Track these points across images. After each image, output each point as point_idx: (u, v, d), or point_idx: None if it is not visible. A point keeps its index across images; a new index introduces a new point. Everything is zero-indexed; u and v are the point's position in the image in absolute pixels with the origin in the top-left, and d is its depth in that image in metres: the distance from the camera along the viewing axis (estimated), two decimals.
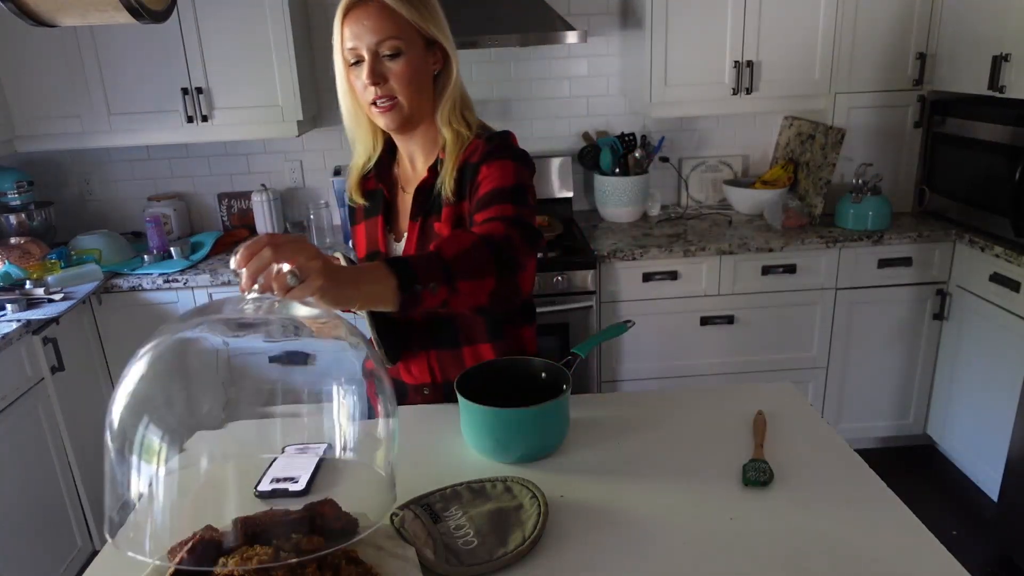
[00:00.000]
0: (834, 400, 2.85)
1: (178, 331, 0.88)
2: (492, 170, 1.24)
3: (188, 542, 0.79)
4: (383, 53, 1.20)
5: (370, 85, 1.20)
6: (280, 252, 0.84)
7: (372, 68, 1.19)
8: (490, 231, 1.12)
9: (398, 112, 1.24)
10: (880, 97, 2.78)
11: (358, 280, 0.94)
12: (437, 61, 1.27)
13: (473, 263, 1.05)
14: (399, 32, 1.19)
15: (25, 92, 2.60)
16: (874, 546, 0.93)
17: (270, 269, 0.83)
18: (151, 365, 0.83)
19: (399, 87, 1.22)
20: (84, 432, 2.42)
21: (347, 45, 1.21)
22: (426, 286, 0.99)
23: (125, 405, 0.81)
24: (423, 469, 1.14)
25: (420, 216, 1.31)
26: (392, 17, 1.19)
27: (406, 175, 1.37)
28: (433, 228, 1.30)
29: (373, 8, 1.18)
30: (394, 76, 1.21)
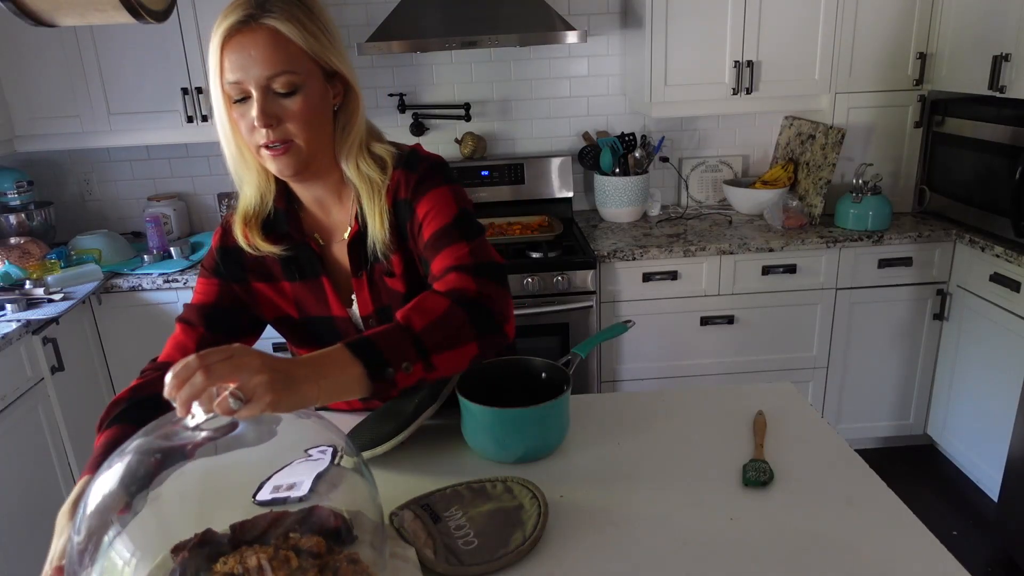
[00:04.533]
0: (834, 400, 2.85)
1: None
2: (429, 205, 1.10)
3: (190, 541, 0.79)
4: (276, 90, 1.00)
5: (261, 127, 1.01)
6: (213, 374, 0.74)
7: (263, 108, 1.00)
8: (458, 287, 1.00)
9: (295, 156, 1.04)
10: (880, 97, 2.78)
11: (317, 375, 0.82)
12: (338, 94, 1.09)
13: (448, 332, 0.94)
14: (294, 65, 1.00)
15: (25, 92, 2.60)
16: (874, 546, 0.93)
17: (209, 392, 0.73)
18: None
19: (296, 129, 1.03)
20: (84, 432, 2.42)
21: (228, 78, 1.00)
22: (398, 368, 0.89)
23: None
24: (423, 469, 1.14)
25: (363, 271, 1.16)
26: (285, 47, 0.99)
27: (319, 224, 1.18)
28: (385, 284, 1.16)
29: (261, 36, 0.98)
30: (290, 116, 1.02)
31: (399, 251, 1.14)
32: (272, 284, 1.19)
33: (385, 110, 3.04)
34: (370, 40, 2.52)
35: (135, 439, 0.80)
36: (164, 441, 0.78)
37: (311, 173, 1.11)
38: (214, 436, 0.78)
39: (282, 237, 1.16)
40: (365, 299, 1.18)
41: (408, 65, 2.99)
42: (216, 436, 0.78)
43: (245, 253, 1.16)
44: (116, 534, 0.76)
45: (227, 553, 0.78)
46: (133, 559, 0.76)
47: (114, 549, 0.76)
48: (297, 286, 1.18)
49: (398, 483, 1.08)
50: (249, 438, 0.80)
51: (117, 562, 0.75)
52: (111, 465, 0.78)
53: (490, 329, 0.99)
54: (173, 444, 0.78)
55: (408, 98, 3.02)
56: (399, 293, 1.16)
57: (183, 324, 1.17)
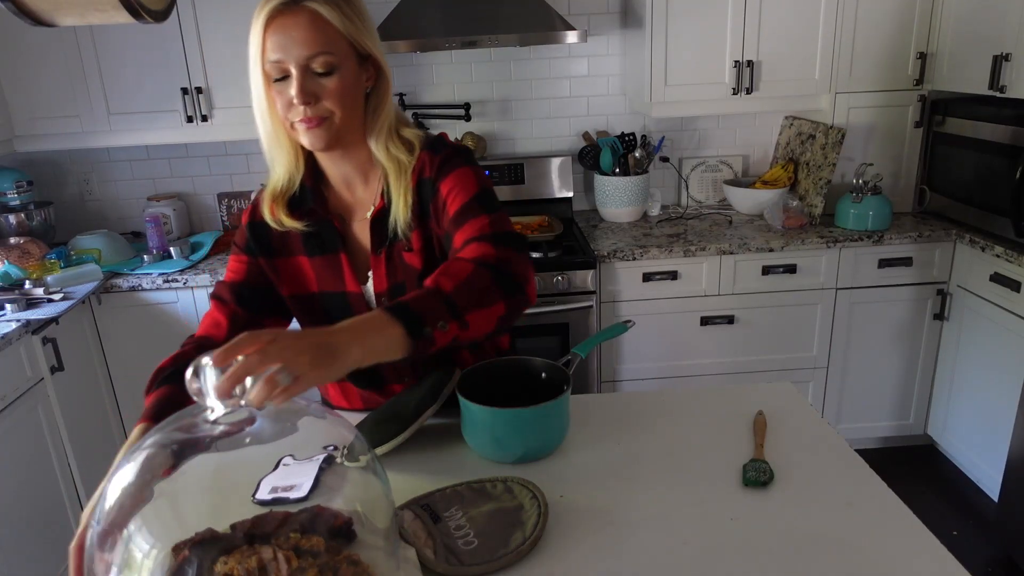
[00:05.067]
0: (834, 400, 2.85)
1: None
2: (451, 184, 1.16)
3: (190, 541, 0.79)
4: (315, 69, 1.06)
5: (300, 104, 1.06)
6: (267, 357, 0.76)
7: (302, 87, 1.05)
8: (481, 253, 1.06)
9: (327, 129, 1.10)
10: (880, 97, 2.78)
11: (359, 338, 0.87)
12: (370, 77, 1.14)
13: (476, 293, 1.00)
14: (332, 46, 1.06)
15: (25, 92, 2.60)
16: (874, 546, 0.93)
17: (242, 376, 0.76)
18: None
19: (332, 106, 1.08)
20: (84, 432, 2.42)
21: (270, 58, 1.05)
22: (435, 326, 0.93)
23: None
24: (423, 469, 1.14)
25: (383, 248, 1.21)
26: (325, 29, 1.05)
27: (342, 202, 1.24)
28: (403, 259, 1.20)
29: (303, 18, 1.04)
30: (326, 95, 1.07)
31: (419, 228, 1.19)
32: (293, 259, 1.23)
33: None
34: None
35: (152, 434, 0.80)
36: (183, 434, 0.80)
37: (340, 149, 1.16)
38: (232, 431, 0.78)
39: (306, 214, 1.20)
40: (381, 275, 1.21)
41: (408, 65, 2.99)
42: (233, 431, 0.79)
43: (271, 228, 1.21)
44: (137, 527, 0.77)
45: (228, 552, 0.78)
46: (138, 552, 0.77)
47: (130, 539, 0.77)
48: (316, 261, 1.23)
49: (398, 483, 1.08)
50: (265, 434, 0.81)
51: (136, 553, 0.76)
52: (129, 460, 0.79)
53: (513, 290, 1.03)
54: (191, 437, 0.79)
55: (408, 98, 3.02)
56: (415, 269, 1.20)
57: (216, 301, 1.22)
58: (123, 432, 2.67)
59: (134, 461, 0.79)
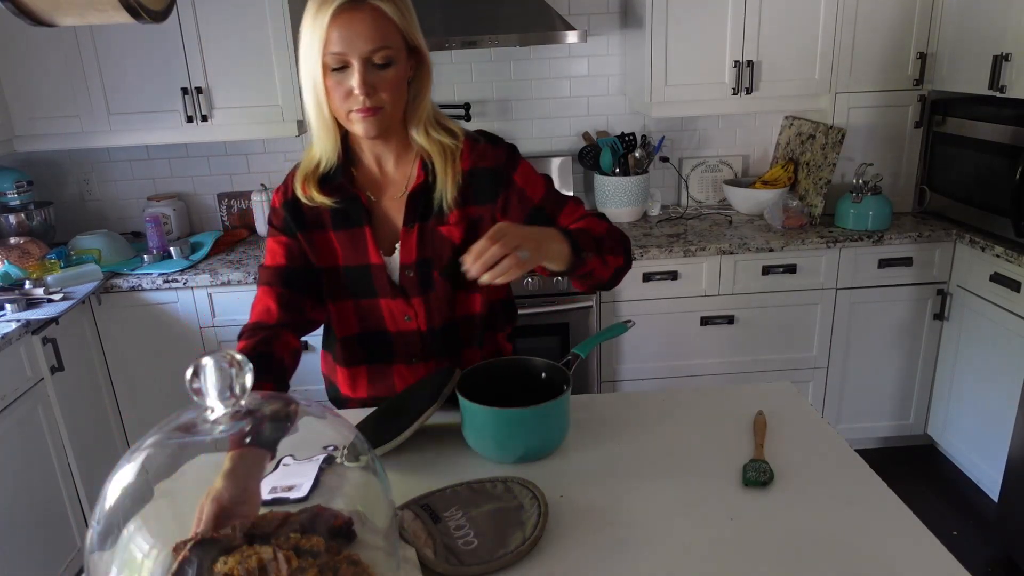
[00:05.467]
0: (834, 400, 2.85)
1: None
2: (526, 175, 1.31)
3: (190, 540, 0.78)
4: (374, 62, 1.13)
5: (361, 95, 1.13)
6: (506, 244, 1.02)
7: (364, 79, 1.12)
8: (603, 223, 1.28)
9: (380, 119, 1.17)
10: (880, 97, 2.78)
11: (548, 241, 1.12)
12: (412, 66, 1.22)
13: (613, 242, 1.24)
14: (391, 40, 1.13)
15: (25, 92, 2.60)
16: (874, 546, 0.93)
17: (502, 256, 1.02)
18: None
19: (387, 97, 1.16)
20: (84, 432, 2.42)
21: (332, 49, 1.11)
22: (587, 253, 1.16)
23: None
24: (423, 469, 1.14)
25: (416, 222, 1.27)
26: (386, 25, 1.13)
27: (372, 179, 1.30)
28: (437, 232, 1.27)
29: (367, 14, 1.11)
30: (384, 86, 1.15)
31: (460, 208, 1.27)
32: (323, 232, 1.29)
33: None
34: None
35: (151, 435, 0.80)
36: (183, 436, 0.80)
37: (387, 134, 1.24)
38: (231, 431, 0.79)
39: (335, 190, 1.26)
40: (411, 248, 1.28)
41: None
42: (233, 430, 0.79)
43: (303, 204, 1.27)
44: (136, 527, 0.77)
45: (228, 552, 0.78)
46: (139, 552, 0.77)
47: (131, 539, 0.77)
48: (341, 234, 1.29)
49: (398, 483, 1.08)
50: (265, 434, 0.81)
51: (136, 553, 0.76)
52: (129, 460, 0.79)
53: (629, 252, 1.29)
54: (191, 439, 0.80)
55: None
56: (452, 242, 1.28)
57: (264, 287, 1.31)
58: (123, 432, 2.67)
59: (134, 462, 0.79)
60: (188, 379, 0.76)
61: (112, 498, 0.77)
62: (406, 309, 1.31)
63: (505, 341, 1.45)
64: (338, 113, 1.18)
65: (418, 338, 1.33)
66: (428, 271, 1.29)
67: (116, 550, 0.76)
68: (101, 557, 0.76)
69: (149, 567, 0.76)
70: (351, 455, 0.86)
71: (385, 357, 1.35)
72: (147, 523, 0.78)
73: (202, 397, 0.77)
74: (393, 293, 1.29)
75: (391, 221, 1.29)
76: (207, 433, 0.78)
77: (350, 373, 1.38)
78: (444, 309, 1.32)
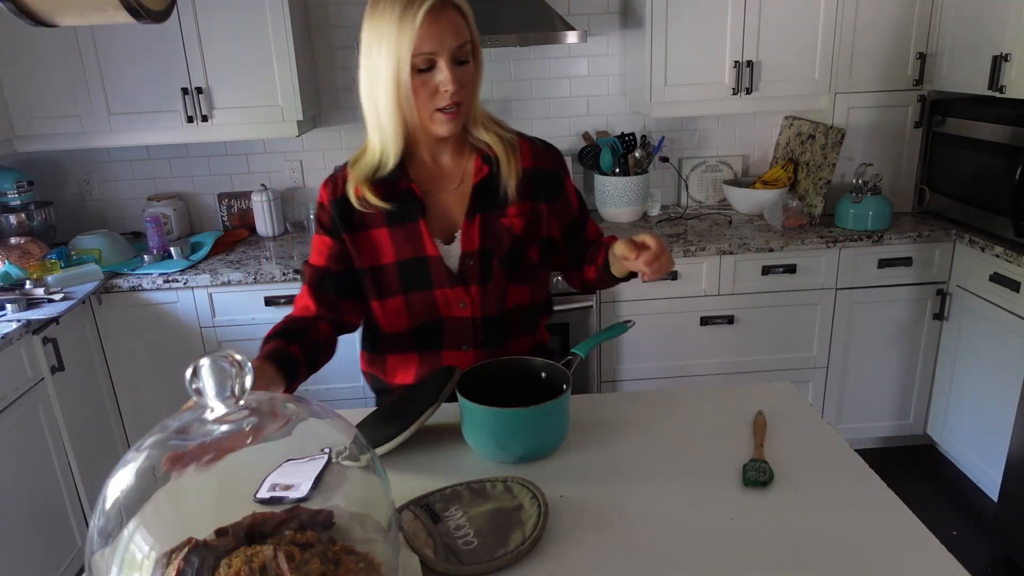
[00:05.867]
0: (834, 400, 2.85)
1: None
2: (571, 187, 1.40)
3: (182, 547, 0.78)
4: (459, 58, 1.19)
5: (452, 89, 1.18)
6: (670, 253, 1.19)
7: (453, 74, 1.18)
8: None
9: (461, 115, 1.24)
10: (880, 97, 2.78)
11: None
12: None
13: None
14: (470, 36, 1.21)
15: (25, 92, 2.60)
16: (874, 546, 0.93)
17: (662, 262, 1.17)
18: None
19: (468, 91, 1.22)
20: (84, 432, 2.42)
21: (423, 50, 1.16)
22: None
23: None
24: (423, 469, 1.14)
25: (478, 213, 1.32)
26: (466, 21, 1.20)
27: (427, 174, 1.34)
28: (498, 222, 1.33)
29: (452, 13, 1.18)
30: (466, 81, 1.21)
31: (519, 203, 1.33)
32: (373, 231, 1.32)
33: None
34: None
35: (151, 435, 0.80)
36: (183, 436, 0.80)
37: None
38: (232, 431, 0.79)
39: (390, 189, 1.29)
40: (473, 237, 1.32)
41: None
42: (234, 431, 0.79)
43: (353, 205, 1.30)
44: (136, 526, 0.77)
45: (222, 557, 0.77)
46: (139, 552, 0.77)
47: (131, 539, 0.76)
48: (396, 230, 1.32)
49: (398, 483, 1.08)
50: (266, 434, 0.81)
51: (136, 553, 0.76)
52: (127, 462, 0.79)
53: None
54: (191, 441, 0.79)
55: None
56: (514, 233, 1.33)
57: (306, 286, 1.37)
58: (123, 432, 2.67)
59: (134, 462, 0.79)
60: (188, 379, 0.76)
61: (112, 498, 0.77)
62: (462, 296, 1.34)
63: (544, 331, 1.51)
64: (422, 113, 1.21)
65: (470, 325, 1.36)
66: (488, 260, 1.33)
67: (116, 550, 0.76)
68: (101, 557, 0.76)
69: (149, 567, 0.76)
70: (351, 455, 0.86)
71: (436, 344, 1.39)
72: (147, 523, 0.78)
73: (202, 397, 0.77)
74: (451, 282, 1.33)
75: (447, 213, 1.34)
76: (207, 433, 0.78)
77: (400, 360, 1.41)
78: (498, 298, 1.36)
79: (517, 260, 1.35)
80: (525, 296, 1.40)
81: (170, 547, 0.78)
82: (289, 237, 3.03)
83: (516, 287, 1.37)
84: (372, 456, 0.87)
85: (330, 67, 2.96)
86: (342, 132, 3.07)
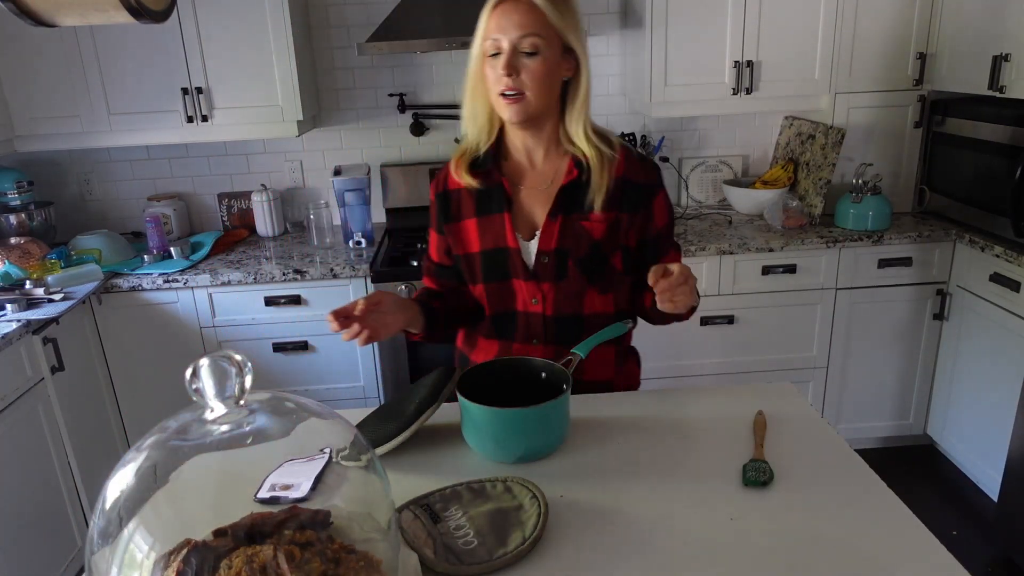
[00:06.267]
0: (834, 400, 2.85)
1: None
2: (661, 204, 1.40)
3: (181, 548, 0.77)
4: (522, 49, 1.24)
5: (504, 76, 1.25)
6: (692, 284, 1.19)
7: (509, 61, 1.24)
8: None
9: (524, 106, 1.28)
10: (880, 97, 2.78)
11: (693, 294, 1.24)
12: (569, 68, 1.31)
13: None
14: (541, 31, 1.24)
15: (25, 92, 2.60)
16: (874, 546, 0.93)
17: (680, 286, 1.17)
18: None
19: (530, 83, 1.26)
20: (84, 432, 2.42)
21: (490, 36, 1.26)
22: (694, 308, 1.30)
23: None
24: (423, 469, 1.14)
25: (560, 213, 1.35)
26: (538, 17, 1.24)
27: (519, 170, 1.40)
28: (579, 225, 1.36)
29: (522, 5, 1.24)
30: (527, 72, 1.25)
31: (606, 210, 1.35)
32: (464, 222, 1.41)
33: (385, 110, 3.04)
34: (370, 40, 2.52)
35: (151, 435, 0.80)
36: (183, 436, 0.80)
37: (532, 125, 1.34)
38: (231, 432, 0.79)
39: (484, 176, 1.39)
40: (552, 236, 1.36)
41: (408, 65, 2.99)
42: (233, 430, 0.79)
43: (453, 197, 1.42)
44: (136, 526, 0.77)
45: (221, 557, 0.77)
46: (139, 552, 0.77)
47: (131, 539, 0.76)
48: (482, 220, 1.40)
49: (398, 483, 1.08)
50: (266, 434, 0.81)
51: (136, 553, 0.76)
52: (127, 462, 0.79)
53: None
54: (191, 439, 0.80)
55: (408, 98, 3.02)
56: (593, 237, 1.36)
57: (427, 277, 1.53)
58: (123, 432, 2.67)
59: (134, 462, 0.79)
60: (188, 379, 0.76)
61: (112, 498, 0.77)
62: (535, 292, 1.39)
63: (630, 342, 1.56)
64: (491, 96, 1.30)
65: (541, 321, 1.40)
66: (563, 260, 1.36)
67: (116, 550, 0.76)
68: (101, 556, 0.76)
69: (149, 567, 0.76)
70: (351, 455, 0.86)
71: (508, 334, 1.44)
72: (147, 523, 0.78)
73: (202, 397, 0.77)
74: (526, 276, 1.38)
75: (532, 210, 1.39)
76: (207, 433, 0.78)
77: (484, 344, 1.49)
78: (572, 300, 1.39)
79: (596, 264, 1.37)
80: (608, 304, 1.41)
81: (169, 547, 0.78)
82: (289, 237, 3.03)
83: (596, 293, 1.39)
84: (372, 456, 0.87)
85: (330, 67, 2.96)
86: (342, 132, 3.07)
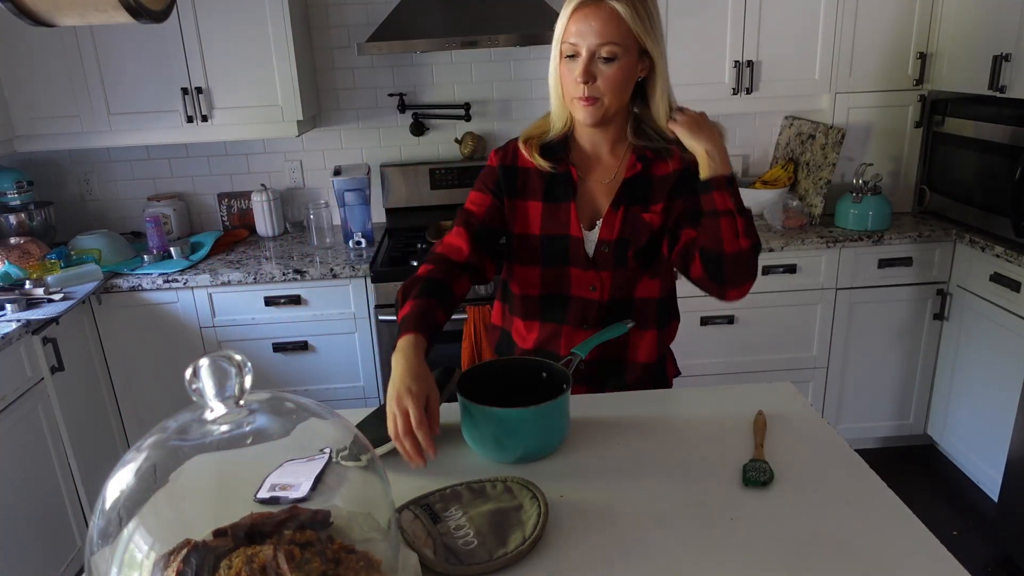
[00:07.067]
0: (834, 400, 2.85)
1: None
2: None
3: (180, 549, 0.77)
4: (600, 56, 1.24)
5: (581, 83, 1.25)
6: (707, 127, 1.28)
7: (586, 68, 1.24)
8: None
9: (598, 110, 1.28)
10: (880, 97, 2.78)
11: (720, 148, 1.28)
12: (644, 69, 1.31)
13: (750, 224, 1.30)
14: (620, 39, 1.23)
15: (25, 92, 2.60)
16: (874, 546, 0.93)
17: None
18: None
19: (605, 89, 1.26)
20: (84, 432, 2.42)
21: (568, 39, 1.25)
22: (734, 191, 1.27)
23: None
24: (423, 469, 1.14)
25: (622, 205, 1.37)
26: (618, 24, 1.22)
27: (586, 162, 1.41)
28: (639, 217, 1.38)
29: (603, 12, 1.22)
30: (604, 79, 1.25)
31: (666, 201, 1.38)
32: (528, 202, 1.42)
33: (385, 110, 3.04)
34: (370, 40, 2.52)
35: (151, 435, 0.80)
36: (183, 436, 0.80)
37: (605, 124, 1.35)
38: (231, 432, 0.79)
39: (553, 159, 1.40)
40: (614, 226, 1.38)
41: (408, 65, 2.99)
42: (232, 431, 0.79)
43: (520, 174, 1.42)
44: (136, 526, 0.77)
45: (221, 557, 0.77)
46: (139, 552, 0.77)
47: (131, 539, 0.76)
48: (548, 207, 1.41)
49: (398, 483, 1.08)
50: (266, 434, 0.81)
51: (136, 553, 0.76)
52: (127, 462, 0.79)
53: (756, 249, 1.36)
54: (191, 439, 0.80)
55: (408, 98, 3.02)
56: (651, 227, 1.38)
57: (462, 227, 1.42)
58: (123, 432, 2.67)
59: (133, 462, 0.78)
60: (188, 379, 0.76)
61: (112, 498, 0.77)
62: (593, 280, 1.40)
63: (673, 332, 1.54)
64: (567, 96, 1.31)
65: (595, 307, 1.42)
66: (624, 250, 1.38)
67: (116, 550, 0.76)
68: (101, 557, 0.76)
69: (148, 567, 0.76)
70: (351, 455, 0.86)
71: (559, 318, 1.45)
72: (147, 523, 0.77)
73: (202, 397, 0.76)
74: (585, 265, 1.40)
75: (595, 200, 1.40)
76: (207, 433, 0.78)
77: (525, 325, 1.48)
78: (625, 286, 1.42)
79: (653, 254, 1.40)
80: (655, 290, 1.44)
81: (169, 548, 0.78)
82: (289, 237, 3.03)
83: (648, 280, 1.43)
84: (372, 456, 0.87)
85: (330, 67, 2.96)
86: (342, 132, 3.07)
